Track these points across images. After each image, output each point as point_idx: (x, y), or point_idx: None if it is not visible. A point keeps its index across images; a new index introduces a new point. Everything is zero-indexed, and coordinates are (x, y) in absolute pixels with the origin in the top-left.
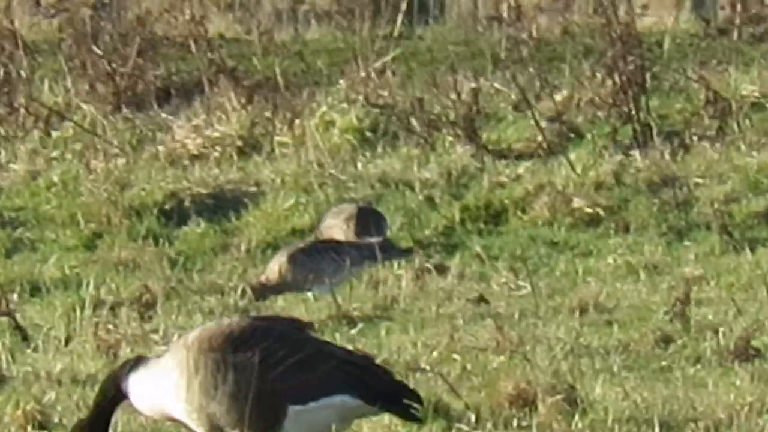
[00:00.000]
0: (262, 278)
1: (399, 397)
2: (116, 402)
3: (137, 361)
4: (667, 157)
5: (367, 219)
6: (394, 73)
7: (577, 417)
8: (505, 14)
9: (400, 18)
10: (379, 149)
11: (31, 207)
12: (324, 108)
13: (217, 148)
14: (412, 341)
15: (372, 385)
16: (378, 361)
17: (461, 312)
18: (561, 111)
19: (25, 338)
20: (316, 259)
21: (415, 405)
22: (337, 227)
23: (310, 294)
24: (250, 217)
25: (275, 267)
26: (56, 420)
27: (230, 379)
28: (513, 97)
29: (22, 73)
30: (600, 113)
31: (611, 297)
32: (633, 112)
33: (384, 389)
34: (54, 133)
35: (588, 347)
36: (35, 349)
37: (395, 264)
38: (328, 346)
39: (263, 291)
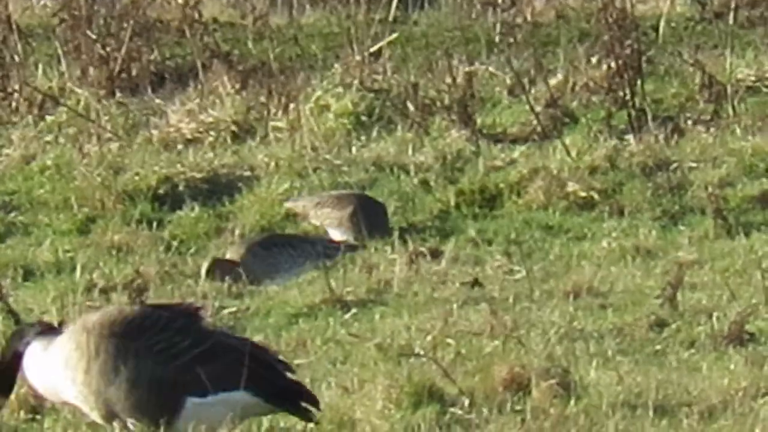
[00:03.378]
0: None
1: (297, 398)
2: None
3: (38, 334)
4: (662, 141)
5: (369, 218)
6: (389, 58)
7: (571, 401)
8: None
9: (395, 2)
10: (374, 133)
11: (25, 191)
12: (319, 92)
13: (212, 132)
14: (406, 325)
15: (272, 383)
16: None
17: (455, 296)
18: (556, 95)
19: (18, 322)
20: (273, 254)
21: (312, 408)
22: (334, 218)
23: (302, 278)
24: (244, 202)
25: (234, 257)
26: (48, 404)
27: (130, 365)
28: (508, 81)
29: (16, 57)
30: (595, 97)
31: (605, 281)
32: (628, 97)
33: (283, 388)
34: (48, 118)
35: (582, 331)
36: None
37: (389, 248)
38: (230, 339)
39: (220, 270)
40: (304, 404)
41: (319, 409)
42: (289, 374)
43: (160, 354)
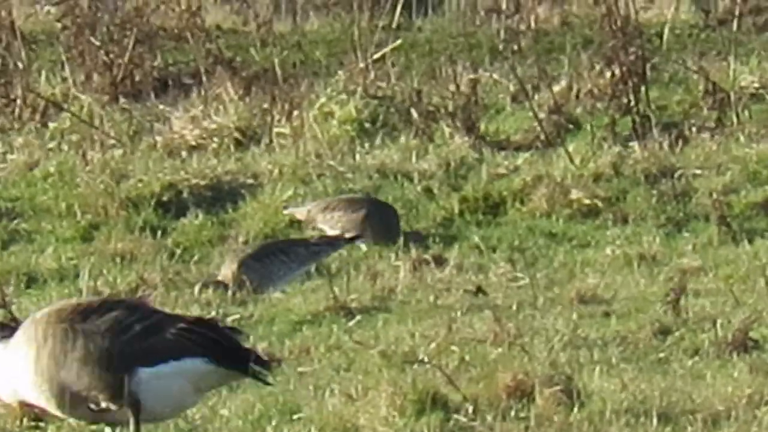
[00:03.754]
0: (219, 278)
1: (247, 362)
2: None
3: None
4: (666, 148)
5: (382, 221)
6: (393, 65)
7: (575, 408)
8: (504, 5)
9: (399, 9)
10: (378, 140)
11: (28, 198)
12: (323, 99)
13: (215, 139)
14: (409, 332)
15: (222, 348)
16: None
17: (459, 303)
18: (560, 102)
19: None
20: (265, 264)
21: (263, 370)
22: (346, 221)
23: (306, 285)
24: (247, 209)
25: (227, 273)
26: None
27: (79, 345)
28: (511, 88)
29: (19, 64)
30: (599, 104)
31: (609, 288)
32: (632, 104)
33: (233, 352)
34: (51, 124)
35: (586, 339)
36: None
37: (393, 255)
38: (175, 314)
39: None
40: (256, 367)
41: (270, 372)
42: (239, 340)
43: (108, 331)
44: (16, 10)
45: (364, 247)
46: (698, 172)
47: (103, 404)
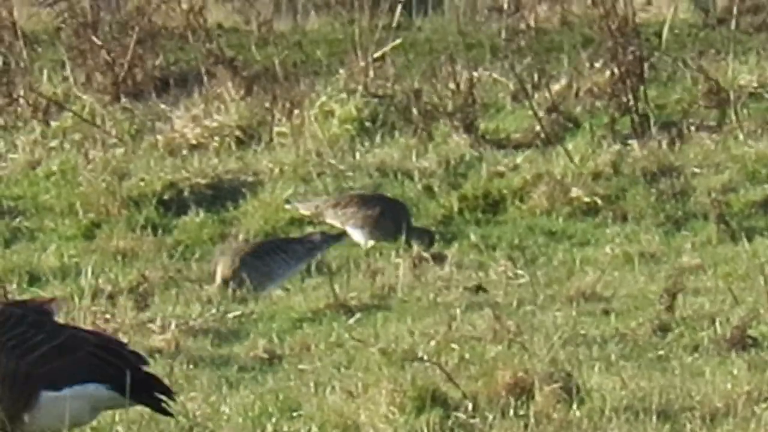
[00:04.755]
0: (218, 279)
1: (151, 390)
2: None
3: None
4: (665, 146)
5: (396, 219)
6: (393, 64)
7: (574, 406)
8: (504, 4)
9: (399, 8)
10: (378, 139)
11: (30, 196)
12: (323, 98)
13: (216, 138)
14: (409, 330)
15: (125, 375)
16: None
17: (459, 301)
18: (559, 101)
19: None
20: (265, 261)
21: (166, 399)
22: (359, 218)
23: (307, 283)
24: (248, 207)
25: (226, 271)
26: None
27: None
28: (511, 87)
29: (21, 63)
30: (598, 103)
31: (609, 286)
32: (631, 102)
33: (137, 380)
34: (53, 123)
35: (585, 336)
36: None
37: (393, 253)
38: (82, 333)
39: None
40: (158, 396)
41: (174, 401)
42: (143, 366)
43: (14, 349)
44: (18, 10)
45: (371, 243)
46: (697, 170)
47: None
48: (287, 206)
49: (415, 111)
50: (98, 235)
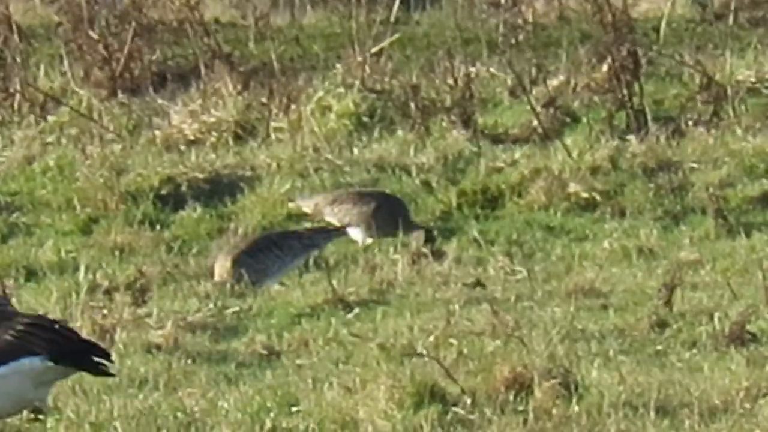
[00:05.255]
0: (216, 278)
1: (88, 355)
2: None
3: None
4: (663, 142)
5: (393, 215)
6: (390, 58)
7: (573, 401)
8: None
9: (396, 3)
10: (376, 134)
11: (27, 192)
12: (320, 93)
13: (213, 133)
14: (408, 326)
15: (59, 344)
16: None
17: (457, 296)
18: (557, 96)
19: None
20: (259, 259)
21: (104, 362)
22: (355, 214)
23: (305, 278)
24: (246, 202)
25: (221, 271)
26: (51, 404)
27: None
28: (509, 82)
29: (18, 58)
30: (596, 98)
31: (607, 281)
32: (628, 98)
33: (72, 348)
34: (50, 118)
35: (584, 331)
36: None
37: (391, 248)
38: (9, 310)
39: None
40: (96, 360)
41: (112, 362)
42: (75, 335)
43: None
44: (14, 4)
45: (368, 240)
46: (695, 165)
47: None
48: (290, 204)
49: (412, 106)
50: (95, 230)
